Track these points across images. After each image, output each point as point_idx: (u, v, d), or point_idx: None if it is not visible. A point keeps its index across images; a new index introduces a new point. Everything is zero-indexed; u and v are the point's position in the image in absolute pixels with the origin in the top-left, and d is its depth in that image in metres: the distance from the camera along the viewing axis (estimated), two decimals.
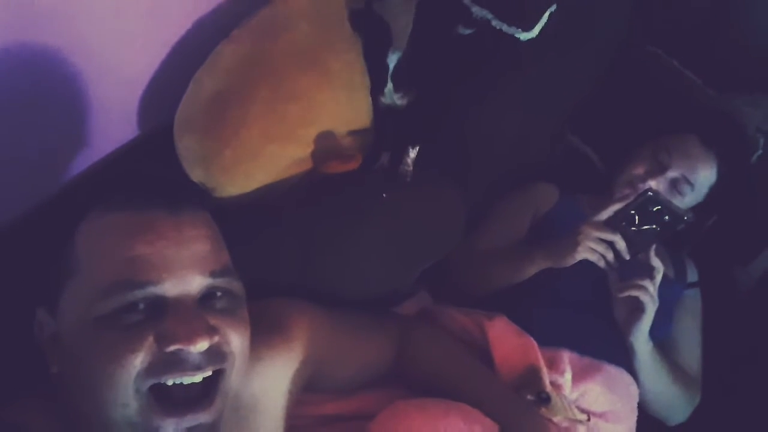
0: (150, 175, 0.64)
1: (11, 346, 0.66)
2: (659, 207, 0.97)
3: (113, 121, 0.89)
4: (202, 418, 0.56)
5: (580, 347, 0.98)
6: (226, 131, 0.85)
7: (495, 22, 1.04)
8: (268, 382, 0.72)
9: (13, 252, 0.75)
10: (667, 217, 0.97)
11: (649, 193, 0.98)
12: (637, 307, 0.98)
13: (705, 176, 1.13)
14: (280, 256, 0.85)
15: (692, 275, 1.18)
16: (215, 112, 0.85)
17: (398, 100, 0.91)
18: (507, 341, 0.93)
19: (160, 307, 0.56)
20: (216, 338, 0.56)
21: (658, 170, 1.12)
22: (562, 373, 0.92)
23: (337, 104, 0.90)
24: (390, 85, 0.90)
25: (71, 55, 0.77)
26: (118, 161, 0.90)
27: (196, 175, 0.86)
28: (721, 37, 1.31)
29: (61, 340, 0.58)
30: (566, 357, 0.95)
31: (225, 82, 0.86)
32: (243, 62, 0.86)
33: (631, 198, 0.99)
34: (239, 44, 0.87)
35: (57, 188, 0.86)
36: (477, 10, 1.04)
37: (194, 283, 0.57)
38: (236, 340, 0.59)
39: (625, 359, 1.01)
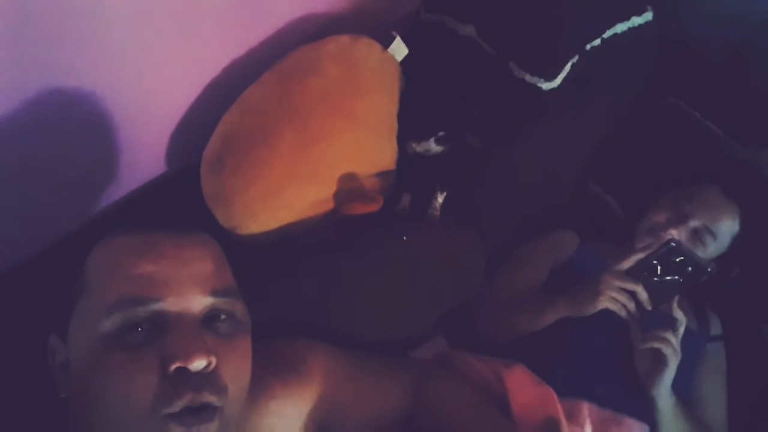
0: (160, 211, 0.66)
1: (28, 374, 0.67)
2: (682, 258, 0.96)
3: (141, 159, 0.91)
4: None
5: (600, 399, 0.95)
6: (250, 171, 0.86)
7: (517, 72, 1.05)
8: (282, 422, 0.71)
9: (36, 282, 0.77)
10: (689, 268, 0.96)
11: (672, 243, 0.97)
12: (660, 360, 0.96)
13: (727, 227, 1.12)
14: (298, 296, 0.85)
15: (716, 328, 1.15)
16: (241, 152, 0.87)
17: (435, 148, 0.93)
18: (525, 391, 0.91)
19: (162, 325, 0.57)
20: (213, 359, 0.56)
21: (679, 219, 1.11)
22: (581, 425, 0.90)
23: (360, 146, 0.92)
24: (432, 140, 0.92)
25: (101, 94, 0.79)
26: (144, 197, 0.92)
27: (220, 212, 0.88)
28: (742, 88, 1.31)
29: (71, 365, 0.59)
30: (586, 409, 0.92)
31: (252, 123, 0.88)
32: (270, 104, 0.88)
33: (654, 248, 0.98)
34: (268, 87, 0.89)
35: (83, 221, 0.88)
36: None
37: (195, 301, 0.59)
38: (231, 370, 0.59)
39: (646, 413, 0.97)
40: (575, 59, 1.07)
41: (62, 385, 0.61)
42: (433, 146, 0.94)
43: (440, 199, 0.96)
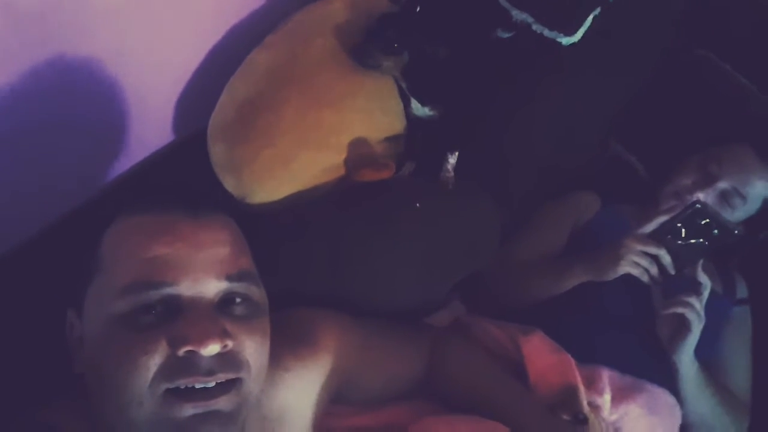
0: (176, 181, 0.64)
1: (47, 347, 0.67)
2: (708, 220, 0.93)
3: (149, 127, 0.91)
4: (218, 404, 0.55)
5: (621, 365, 0.94)
6: (258, 138, 0.85)
7: (536, 26, 1.00)
8: (296, 394, 0.71)
9: (49, 254, 0.77)
10: (716, 231, 0.93)
11: (698, 205, 0.93)
12: (683, 325, 0.93)
13: (758, 189, 1.07)
14: (310, 264, 0.85)
15: (741, 291, 1.12)
16: (248, 119, 0.85)
17: (429, 111, 0.90)
18: (543, 357, 0.90)
19: (176, 309, 0.56)
20: (228, 343, 0.56)
21: (707, 181, 1.07)
22: (600, 393, 0.88)
23: (370, 111, 0.89)
24: (414, 101, 0.89)
25: (108, 64, 0.79)
26: (152, 167, 0.91)
27: (228, 181, 0.87)
28: None
29: (85, 341, 0.59)
30: (605, 376, 0.91)
31: (258, 88, 0.85)
32: (276, 69, 0.86)
33: (678, 210, 0.94)
34: (272, 50, 0.87)
35: (93, 192, 0.87)
36: (517, 14, 1.01)
37: (210, 285, 0.58)
38: (251, 348, 0.59)
39: (668, 379, 0.96)
40: (597, 11, 1.02)
41: (77, 360, 0.61)
42: (422, 108, 0.90)
43: (452, 160, 0.93)
